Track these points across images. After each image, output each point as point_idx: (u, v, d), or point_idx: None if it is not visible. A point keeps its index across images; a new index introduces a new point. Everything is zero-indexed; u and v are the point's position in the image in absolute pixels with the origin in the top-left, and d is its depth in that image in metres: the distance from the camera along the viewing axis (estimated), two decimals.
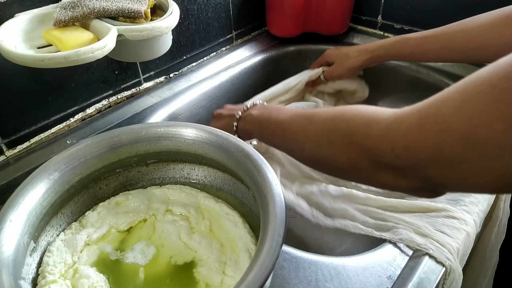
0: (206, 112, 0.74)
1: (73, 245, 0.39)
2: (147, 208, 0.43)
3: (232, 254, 0.39)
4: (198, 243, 0.40)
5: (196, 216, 0.43)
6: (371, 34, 0.88)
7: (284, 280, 0.39)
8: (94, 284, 0.36)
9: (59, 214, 0.41)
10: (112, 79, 0.64)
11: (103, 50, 0.44)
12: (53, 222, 0.40)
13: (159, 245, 0.41)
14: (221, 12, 0.77)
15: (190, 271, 0.38)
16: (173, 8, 0.51)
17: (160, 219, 0.43)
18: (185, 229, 0.42)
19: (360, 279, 0.39)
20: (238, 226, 0.41)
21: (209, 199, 0.44)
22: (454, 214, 0.44)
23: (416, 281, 0.38)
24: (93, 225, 0.41)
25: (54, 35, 0.46)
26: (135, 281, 0.37)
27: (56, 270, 0.36)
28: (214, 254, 0.39)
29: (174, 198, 0.45)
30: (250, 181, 0.37)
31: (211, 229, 0.42)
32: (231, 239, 0.40)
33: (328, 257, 0.41)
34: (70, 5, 0.47)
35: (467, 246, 0.44)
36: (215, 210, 0.43)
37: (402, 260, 0.41)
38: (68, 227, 0.41)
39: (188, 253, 0.40)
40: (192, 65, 0.77)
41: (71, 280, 0.36)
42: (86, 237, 0.40)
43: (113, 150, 0.42)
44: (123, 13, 0.48)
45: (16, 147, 0.56)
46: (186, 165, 0.45)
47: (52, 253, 0.38)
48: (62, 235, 0.40)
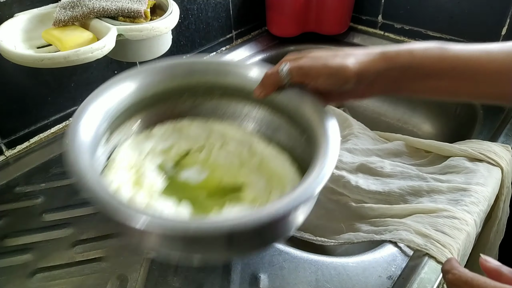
0: None
1: (139, 150, 0.42)
2: (206, 138, 0.46)
3: (279, 186, 0.41)
4: (248, 173, 0.43)
5: (249, 153, 0.45)
6: (372, 34, 0.88)
7: (284, 280, 0.39)
8: (153, 183, 0.39)
9: (133, 119, 0.44)
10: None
11: (103, 50, 0.44)
12: (126, 124, 0.43)
13: (211, 170, 0.43)
14: (221, 12, 0.77)
15: (238, 193, 0.41)
16: (172, 8, 0.51)
17: (216, 150, 0.46)
18: (237, 162, 0.44)
19: (360, 279, 0.39)
20: (286, 167, 0.42)
21: (262, 140, 0.46)
22: (454, 214, 0.44)
23: (417, 281, 0.38)
24: (159, 138, 0.44)
25: (54, 35, 0.46)
26: (186, 193, 0.40)
27: (122, 165, 0.40)
28: (262, 184, 0.41)
29: (231, 134, 0.47)
30: (307, 125, 0.39)
31: (261, 166, 0.44)
32: (279, 176, 0.42)
33: (328, 257, 0.41)
34: (70, 4, 0.47)
35: (467, 246, 0.44)
36: (266, 151, 0.45)
37: (403, 260, 0.41)
38: (137, 134, 0.44)
39: (238, 180, 0.42)
40: None
41: (134, 176, 0.40)
42: (151, 147, 0.43)
43: (188, 75, 0.45)
44: (123, 12, 0.48)
45: (16, 147, 0.56)
46: (247, 103, 0.47)
47: (120, 151, 0.41)
48: (131, 139, 0.43)
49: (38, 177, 0.52)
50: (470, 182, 0.48)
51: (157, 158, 0.43)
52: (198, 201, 0.39)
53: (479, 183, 0.48)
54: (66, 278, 0.40)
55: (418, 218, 0.45)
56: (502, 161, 0.51)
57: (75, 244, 0.44)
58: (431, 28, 0.79)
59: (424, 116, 0.78)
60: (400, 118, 0.82)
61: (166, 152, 0.44)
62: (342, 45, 0.86)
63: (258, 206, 0.39)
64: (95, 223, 0.46)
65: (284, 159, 0.43)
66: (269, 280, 0.39)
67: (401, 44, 0.38)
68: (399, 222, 0.45)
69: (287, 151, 0.44)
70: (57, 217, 0.47)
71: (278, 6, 0.82)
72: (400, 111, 0.82)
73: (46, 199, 0.49)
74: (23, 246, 0.44)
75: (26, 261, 0.42)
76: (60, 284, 0.40)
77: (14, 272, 0.41)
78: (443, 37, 0.78)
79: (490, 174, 0.50)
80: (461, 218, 0.44)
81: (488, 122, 0.63)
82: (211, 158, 0.45)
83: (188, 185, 0.41)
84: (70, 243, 0.44)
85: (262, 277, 0.39)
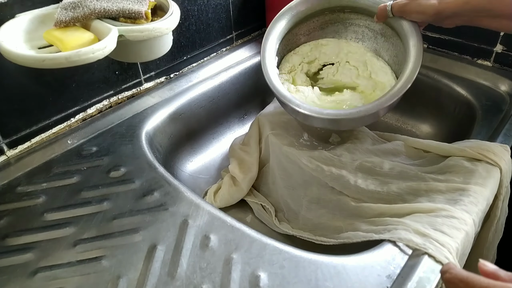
0: (206, 112, 0.74)
1: (293, 61, 0.65)
2: (336, 56, 0.66)
3: (381, 87, 0.60)
4: (361, 80, 0.63)
5: (363, 67, 0.64)
6: None
7: (284, 279, 0.39)
8: (303, 80, 0.64)
9: (291, 33, 0.65)
10: (113, 80, 0.64)
11: (104, 51, 0.44)
12: (287, 38, 0.64)
13: (338, 81, 0.65)
14: (221, 13, 0.77)
15: (353, 88, 0.63)
16: (173, 9, 0.52)
17: (342, 66, 0.65)
18: (355, 73, 0.64)
19: (359, 278, 0.39)
20: (388, 75, 0.60)
21: (374, 56, 0.64)
22: (453, 214, 0.44)
23: (416, 280, 0.38)
24: (306, 54, 0.66)
25: (55, 36, 0.46)
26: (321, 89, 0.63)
27: (285, 70, 0.64)
28: (371, 86, 0.61)
29: (352, 52, 0.65)
30: (405, 46, 0.54)
31: (371, 76, 0.62)
32: (383, 82, 0.60)
33: (328, 256, 0.42)
34: (71, 5, 0.48)
35: (466, 246, 0.44)
36: (376, 64, 0.62)
37: (402, 259, 0.41)
38: (294, 49, 0.66)
39: (354, 84, 0.63)
40: (192, 65, 0.77)
41: (291, 78, 0.64)
42: (303, 59, 0.66)
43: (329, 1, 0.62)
44: (124, 13, 0.48)
45: (17, 147, 0.56)
46: (368, 18, 0.63)
47: (283, 61, 0.65)
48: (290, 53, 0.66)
49: (39, 177, 0.53)
50: (469, 182, 0.49)
51: (305, 67, 0.65)
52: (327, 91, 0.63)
53: (478, 183, 0.48)
54: (67, 278, 0.40)
55: (417, 217, 0.45)
56: (501, 161, 0.51)
57: (76, 243, 0.44)
58: (430, 29, 0.80)
59: (423, 116, 0.79)
60: (399, 118, 0.82)
61: (310, 63, 0.66)
62: None
63: (364, 96, 0.60)
64: (96, 222, 0.46)
65: (388, 68, 0.61)
66: (269, 279, 0.39)
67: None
68: (398, 222, 0.45)
69: (389, 65, 0.62)
70: (58, 217, 0.47)
71: (278, 7, 0.82)
72: (399, 111, 0.82)
73: (47, 198, 0.49)
74: (24, 246, 0.44)
75: (27, 261, 0.42)
76: (61, 283, 0.40)
77: (15, 271, 0.41)
78: (441, 38, 0.79)
79: (489, 174, 0.50)
80: (460, 217, 0.44)
81: (487, 122, 0.63)
82: (338, 72, 0.65)
83: (321, 88, 0.63)
84: (71, 243, 0.44)
85: (262, 275, 0.40)
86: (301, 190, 0.60)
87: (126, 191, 0.50)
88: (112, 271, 0.41)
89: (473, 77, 0.73)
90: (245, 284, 0.39)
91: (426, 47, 0.82)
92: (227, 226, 0.45)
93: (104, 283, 0.40)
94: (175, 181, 0.52)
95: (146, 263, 0.41)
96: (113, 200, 0.49)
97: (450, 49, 0.79)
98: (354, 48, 0.65)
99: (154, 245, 0.43)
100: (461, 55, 0.78)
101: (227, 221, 0.46)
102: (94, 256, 0.42)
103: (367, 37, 0.65)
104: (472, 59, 0.77)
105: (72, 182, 0.52)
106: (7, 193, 0.50)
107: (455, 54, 0.78)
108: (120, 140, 0.59)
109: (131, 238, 0.44)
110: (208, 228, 0.45)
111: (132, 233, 0.45)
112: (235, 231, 0.45)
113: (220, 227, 0.45)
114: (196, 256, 0.42)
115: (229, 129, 0.80)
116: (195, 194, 0.50)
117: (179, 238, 0.44)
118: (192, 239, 0.44)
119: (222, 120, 0.79)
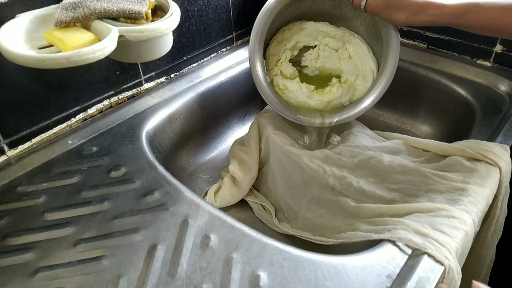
0: (206, 112, 0.74)
1: (276, 51, 0.68)
2: (315, 39, 0.69)
3: (362, 71, 0.66)
4: (343, 62, 0.68)
5: (342, 48, 0.68)
6: None
7: (284, 279, 0.39)
8: (288, 73, 0.67)
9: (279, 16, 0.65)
10: (113, 80, 0.64)
11: (104, 51, 0.44)
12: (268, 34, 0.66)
13: (322, 67, 0.70)
14: (221, 13, 0.77)
15: (338, 78, 0.68)
16: (173, 9, 0.52)
17: (322, 49, 0.70)
18: (336, 57, 0.69)
19: (359, 278, 0.39)
20: (366, 54, 0.66)
21: (350, 35, 0.68)
22: (453, 214, 0.44)
23: (415, 280, 0.38)
24: (288, 39, 0.69)
25: (55, 36, 0.46)
26: (307, 79, 0.68)
27: (272, 61, 0.68)
28: (352, 69, 0.67)
29: (330, 34, 0.68)
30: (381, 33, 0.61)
31: (351, 55, 0.68)
32: (363, 61, 0.66)
33: (328, 256, 0.42)
34: (71, 5, 0.48)
35: (465, 245, 0.45)
36: (354, 41, 0.67)
37: (401, 259, 0.41)
38: (279, 37, 0.69)
39: (337, 67, 0.69)
40: (192, 65, 0.77)
41: (278, 69, 0.68)
42: (285, 46, 0.68)
43: None
44: (124, 14, 0.48)
45: (18, 147, 0.56)
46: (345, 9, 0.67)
47: (269, 51, 0.68)
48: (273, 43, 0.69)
49: (40, 176, 0.53)
50: (468, 181, 0.49)
51: (288, 53, 0.68)
52: (313, 82, 0.67)
53: (478, 183, 0.49)
54: (67, 277, 0.40)
55: (416, 217, 0.45)
56: (500, 161, 0.51)
57: (77, 243, 0.44)
58: (430, 29, 0.80)
59: (422, 116, 0.79)
60: (399, 118, 0.82)
61: (293, 49, 0.69)
62: None
63: (349, 85, 0.65)
64: (97, 222, 0.46)
65: (365, 48, 0.66)
66: (268, 279, 0.39)
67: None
68: (398, 221, 0.45)
69: (365, 42, 0.67)
70: (59, 217, 0.47)
71: None
72: (398, 111, 0.82)
73: (48, 198, 0.50)
74: (25, 245, 0.44)
75: (28, 260, 0.42)
76: (62, 283, 0.40)
77: (16, 271, 0.41)
78: (441, 38, 0.79)
79: (489, 174, 0.50)
80: (460, 217, 0.44)
81: (487, 122, 0.63)
82: (320, 58, 0.70)
83: (307, 75, 0.69)
84: (71, 242, 0.44)
85: (262, 275, 0.40)
86: (301, 190, 0.60)
87: (126, 191, 0.50)
88: (113, 270, 0.41)
89: (473, 77, 0.73)
90: (245, 283, 0.39)
91: (426, 47, 0.82)
92: (227, 226, 0.45)
93: (104, 282, 0.40)
94: (175, 181, 0.52)
95: (147, 262, 0.41)
96: (114, 200, 0.49)
97: (450, 49, 0.79)
98: (331, 29, 0.68)
99: (155, 244, 0.43)
100: (461, 55, 0.78)
101: (227, 221, 0.46)
102: (95, 256, 0.42)
103: (347, 18, 0.68)
104: (471, 59, 0.77)
105: (72, 182, 0.52)
106: (7, 193, 0.50)
107: (455, 54, 0.78)
108: (120, 140, 0.59)
109: (132, 238, 0.44)
110: (208, 228, 0.45)
111: (133, 232, 0.45)
112: (235, 231, 0.45)
113: (220, 227, 0.45)
114: (196, 256, 0.42)
115: (229, 129, 0.80)
116: (195, 194, 0.50)
117: (179, 237, 0.44)
118: (192, 239, 0.44)
119: (222, 120, 0.79)
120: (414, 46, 0.83)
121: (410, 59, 0.80)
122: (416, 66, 0.78)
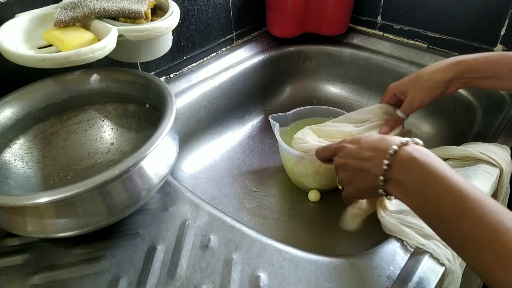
0: (206, 112, 0.74)
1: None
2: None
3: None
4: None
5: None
6: (371, 34, 0.88)
7: (284, 280, 0.39)
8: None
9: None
10: None
11: (104, 51, 0.44)
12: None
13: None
14: (221, 13, 0.77)
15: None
16: (173, 9, 0.52)
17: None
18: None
19: (359, 279, 0.39)
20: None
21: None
22: None
23: (416, 281, 0.38)
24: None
25: (55, 35, 0.46)
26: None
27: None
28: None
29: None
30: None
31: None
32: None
33: (328, 257, 0.42)
34: (71, 5, 0.48)
35: None
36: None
37: (402, 260, 0.41)
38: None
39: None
40: (192, 65, 0.77)
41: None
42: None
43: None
44: (124, 13, 0.48)
45: None
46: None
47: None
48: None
49: None
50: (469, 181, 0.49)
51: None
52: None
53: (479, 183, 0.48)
54: (66, 278, 0.40)
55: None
56: (501, 161, 0.51)
57: (76, 244, 0.44)
58: (430, 29, 0.80)
59: (423, 116, 0.79)
60: None
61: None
62: (342, 46, 0.87)
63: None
64: None
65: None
66: (269, 279, 0.39)
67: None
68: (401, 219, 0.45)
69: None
70: None
71: (278, 7, 0.82)
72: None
73: None
74: (24, 246, 0.44)
75: (27, 261, 0.42)
76: (61, 284, 0.40)
77: (15, 272, 0.41)
78: (442, 38, 0.79)
79: (489, 174, 0.50)
80: None
81: (487, 123, 0.63)
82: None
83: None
84: (71, 243, 0.44)
85: (262, 276, 0.40)
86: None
87: None
88: (112, 271, 0.41)
89: None
90: (245, 284, 0.39)
91: (426, 46, 0.82)
92: (227, 226, 0.45)
93: (104, 283, 0.40)
94: (175, 181, 0.52)
95: (146, 263, 0.41)
96: None
97: (450, 49, 0.79)
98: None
99: (154, 245, 0.43)
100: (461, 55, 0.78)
101: (227, 221, 0.46)
102: (94, 257, 0.42)
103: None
104: None
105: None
106: None
107: (455, 54, 0.78)
108: None
109: (131, 238, 0.44)
110: (208, 228, 0.45)
111: (132, 233, 0.45)
112: (235, 231, 0.45)
113: (220, 228, 0.45)
114: (196, 257, 0.42)
115: (229, 129, 0.80)
116: (195, 194, 0.50)
117: (179, 238, 0.44)
118: (192, 240, 0.44)
119: (222, 120, 0.79)
120: (415, 46, 0.83)
121: (411, 58, 0.80)
122: (416, 65, 0.78)
